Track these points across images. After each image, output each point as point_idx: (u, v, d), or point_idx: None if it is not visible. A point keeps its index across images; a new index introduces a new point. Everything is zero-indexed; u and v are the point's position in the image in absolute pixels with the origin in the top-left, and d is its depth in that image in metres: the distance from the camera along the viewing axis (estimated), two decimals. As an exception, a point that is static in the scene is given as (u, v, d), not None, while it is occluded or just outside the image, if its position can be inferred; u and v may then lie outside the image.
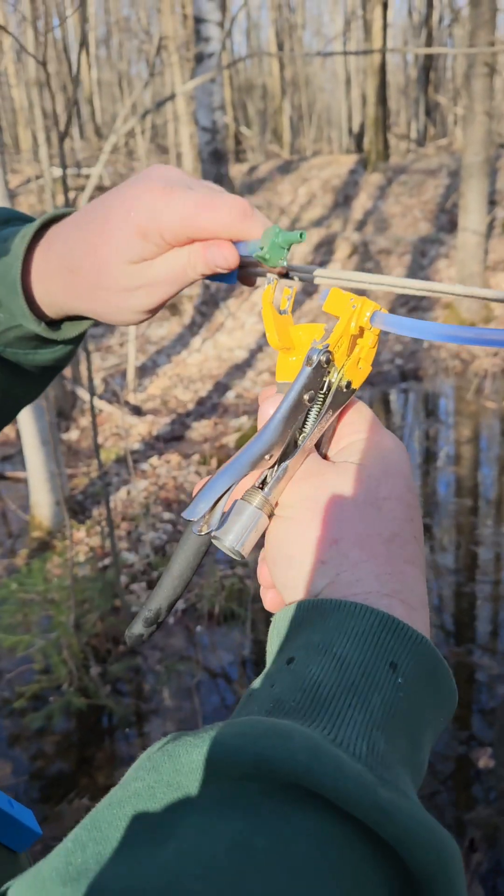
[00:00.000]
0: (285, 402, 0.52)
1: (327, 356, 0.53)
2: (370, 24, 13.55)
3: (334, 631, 0.44)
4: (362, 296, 0.55)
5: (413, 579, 0.49)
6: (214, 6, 10.66)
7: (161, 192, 0.56)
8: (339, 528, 0.49)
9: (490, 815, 2.42)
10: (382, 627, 0.44)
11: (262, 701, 0.42)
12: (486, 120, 7.47)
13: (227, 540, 0.50)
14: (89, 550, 4.15)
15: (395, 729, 0.41)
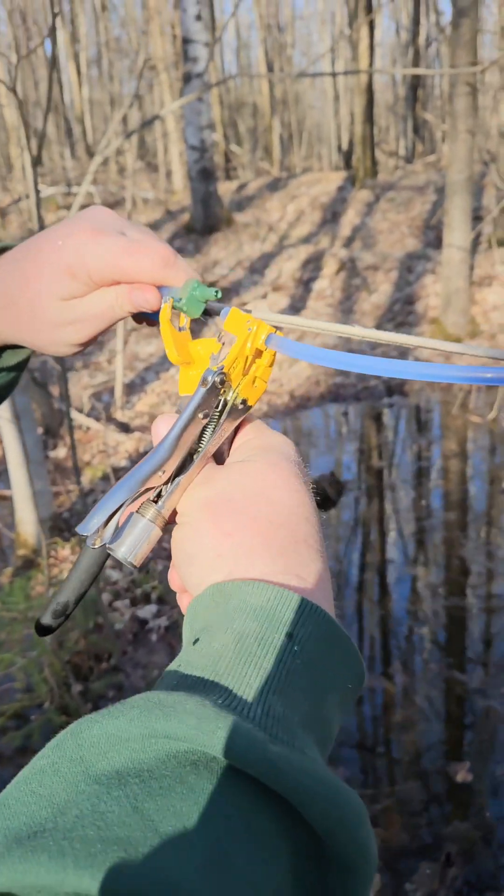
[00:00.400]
0: (179, 421, 0.55)
1: (221, 377, 0.56)
2: (357, 44, 13.74)
3: (234, 610, 0.47)
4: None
5: (308, 557, 0.51)
6: (202, 27, 10.80)
7: (90, 235, 0.60)
8: (232, 522, 0.52)
9: (467, 829, 2.43)
10: (278, 601, 0.47)
11: (169, 681, 0.45)
12: (469, 138, 7.57)
13: (120, 551, 0.53)
14: (74, 568, 4.15)
15: (294, 692, 0.43)
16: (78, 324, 0.64)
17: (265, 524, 0.52)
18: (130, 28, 23.25)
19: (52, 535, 4.41)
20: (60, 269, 0.60)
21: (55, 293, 0.62)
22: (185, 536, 0.54)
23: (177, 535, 0.55)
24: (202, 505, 0.54)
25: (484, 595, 3.95)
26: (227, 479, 0.55)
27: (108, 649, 3.49)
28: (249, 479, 0.54)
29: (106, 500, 0.53)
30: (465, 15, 7.31)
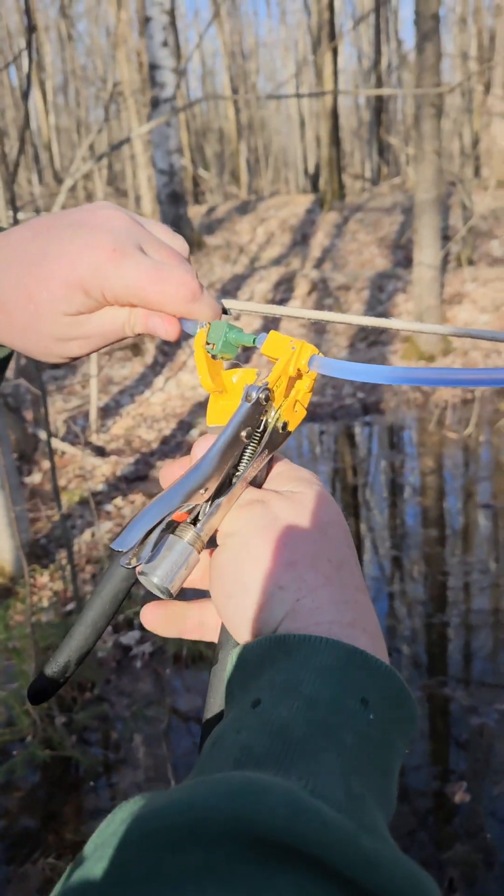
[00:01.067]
0: (223, 436, 0.51)
1: (266, 394, 0.52)
2: (321, 70, 13.96)
3: (301, 668, 0.42)
4: (300, 339, 0.55)
5: (367, 607, 0.48)
6: (168, 53, 10.89)
7: (110, 255, 0.54)
8: (292, 551, 0.47)
9: (468, 852, 2.38)
10: (350, 661, 0.42)
11: (230, 749, 0.40)
12: (436, 159, 7.69)
13: (156, 576, 0.48)
14: (53, 595, 4.06)
15: (369, 766, 0.40)
16: (82, 340, 0.58)
17: (326, 563, 0.47)
18: (96, 56, 23.43)
19: (31, 562, 4.31)
20: (72, 285, 0.54)
21: (61, 309, 0.55)
22: (237, 561, 0.48)
23: (222, 559, 0.49)
24: (258, 528, 0.49)
25: (463, 611, 3.92)
26: (282, 506, 0.50)
27: (92, 678, 3.39)
28: (306, 510, 0.50)
29: (144, 514, 0.48)
30: (428, 39, 7.46)
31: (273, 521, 0.49)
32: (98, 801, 2.85)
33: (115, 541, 0.48)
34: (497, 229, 11.49)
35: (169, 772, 2.83)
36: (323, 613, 0.45)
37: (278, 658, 0.43)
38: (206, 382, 0.55)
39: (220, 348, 0.55)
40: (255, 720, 0.40)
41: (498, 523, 4.92)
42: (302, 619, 0.45)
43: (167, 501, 0.48)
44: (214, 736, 0.42)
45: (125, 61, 13.79)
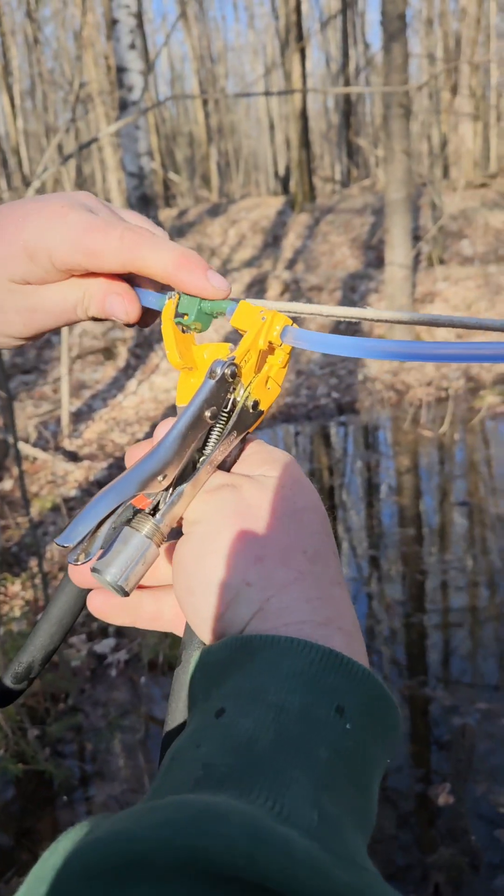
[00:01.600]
0: (183, 416, 0.45)
1: (232, 369, 0.47)
2: (290, 72, 13.98)
3: (267, 673, 0.37)
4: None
5: (343, 602, 0.43)
6: (136, 55, 10.82)
7: (57, 211, 0.49)
8: (262, 544, 0.42)
9: (453, 855, 2.33)
10: (324, 665, 0.37)
11: (189, 766, 0.35)
12: (405, 158, 7.70)
13: (109, 573, 0.42)
14: (25, 604, 3.96)
15: (346, 781, 0.35)
16: (27, 314, 0.52)
17: (299, 555, 0.42)
18: (63, 60, 23.26)
19: (1, 570, 4.21)
20: (16, 247, 0.49)
21: (6, 273, 0.50)
22: (200, 553, 0.43)
23: (184, 550, 0.44)
24: (225, 516, 0.43)
25: (442, 610, 3.90)
26: (253, 491, 0.45)
27: (65, 688, 3.31)
28: (279, 496, 0.44)
29: (93, 505, 0.42)
30: (395, 40, 7.47)
31: (243, 508, 0.44)
32: (74, 815, 2.77)
33: (61, 535, 0.42)
34: (466, 229, 11.57)
35: (147, 783, 2.76)
36: (293, 613, 0.40)
37: (243, 662, 0.38)
38: (173, 358, 0.50)
39: (193, 318, 0.50)
40: (216, 732, 0.36)
41: (474, 520, 4.91)
42: (271, 619, 0.40)
43: (119, 490, 0.43)
44: (174, 750, 0.38)
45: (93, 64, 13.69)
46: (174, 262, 0.48)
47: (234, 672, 0.39)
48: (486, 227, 11.44)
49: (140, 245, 0.48)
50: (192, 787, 0.34)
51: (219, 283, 0.49)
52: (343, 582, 0.44)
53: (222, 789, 0.33)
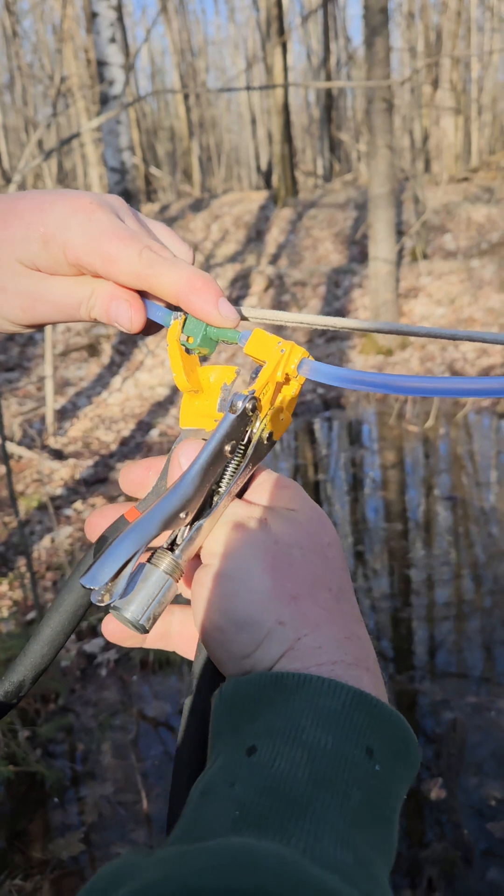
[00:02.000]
0: (204, 452, 0.45)
1: (253, 403, 0.47)
2: (271, 66, 13.94)
3: (301, 713, 0.38)
4: (289, 340, 0.49)
5: (367, 641, 0.44)
6: (117, 49, 10.74)
7: (85, 206, 0.47)
8: (294, 582, 0.42)
9: (446, 849, 2.35)
10: (355, 706, 0.38)
11: (224, 805, 0.36)
12: (388, 153, 7.70)
13: (129, 611, 0.42)
14: (13, 604, 3.93)
15: (375, 820, 0.37)
16: (29, 301, 0.50)
17: (326, 593, 0.43)
18: (43, 53, 23.05)
19: (-12, 571, 4.18)
20: (34, 230, 0.48)
21: (17, 253, 0.48)
22: (230, 591, 0.42)
23: (210, 585, 0.43)
24: (257, 553, 0.43)
25: (427, 604, 3.92)
26: (281, 525, 0.44)
27: (55, 689, 3.29)
28: (303, 529, 0.45)
29: (117, 546, 0.42)
30: (377, 34, 7.47)
31: (272, 544, 0.43)
32: (66, 816, 2.75)
33: (85, 576, 0.42)
34: (449, 223, 11.61)
35: (139, 782, 2.75)
36: (325, 653, 0.41)
37: (275, 700, 0.39)
38: (181, 381, 0.49)
39: (198, 343, 0.50)
40: (251, 773, 0.36)
41: (459, 514, 4.94)
42: (303, 658, 0.41)
43: (143, 530, 0.42)
44: (204, 784, 0.38)
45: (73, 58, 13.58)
46: (187, 284, 0.47)
47: (265, 708, 0.39)
48: (469, 222, 11.48)
49: (157, 264, 0.47)
50: (230, 828, 0.34)
51: (228, 311, 0.48)
52: (361, 619, 0.45)
53: (260, 832, 0.33)
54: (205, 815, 0.36)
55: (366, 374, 0.46)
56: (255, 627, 0.41)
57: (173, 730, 3.17)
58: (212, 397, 0.51)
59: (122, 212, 0.50)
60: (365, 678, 0.41)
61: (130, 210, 0.52)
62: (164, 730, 3.18)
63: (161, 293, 0.48)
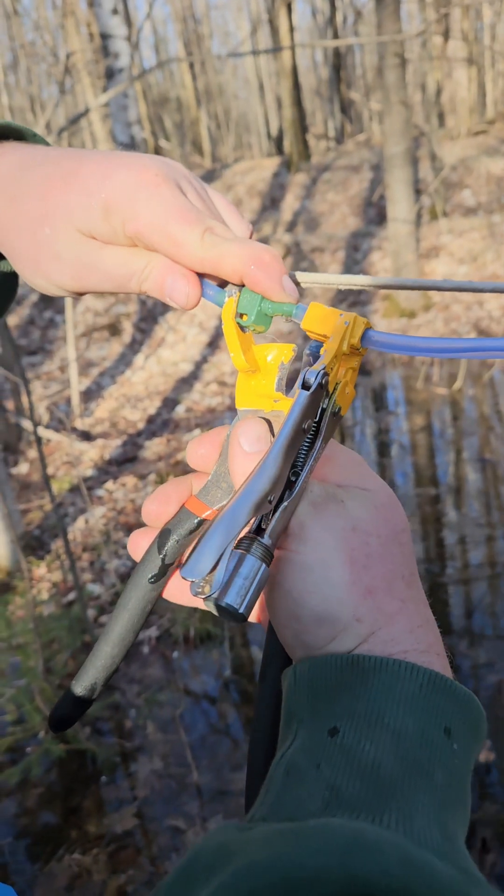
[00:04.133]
0: (284, 432, 0.44)
1: (326, 378, 0.46)
2: (277, 28, 13.63)
3: (382, 696, 0.39)
4: (350, 311, 0.48)
5: (434, 626, 0.45)
6: (119, 20, 10.56)
7: (151, 178, 0.46)
8: (371, 574, 0.43)
9: (498, 811, 2.35)
10: (433, 688, 0.40)
11: (313, 786, 0.37)
12: (403, 109, 7.52)
13: (225, 600, 0.41)
14: (52, 587, 3.98)
15: (454, 796, 0.39)
16: (82, 268, 0.49)
17: (400, 582, 0.44)
18: (45, 31, 22.75)
19: (26, 554, 4.23)
20: (95, 199, 0.46)
21: (75, 222, 0.47)
22: (308, 582, 0.42)
23: (291, 574, 0.43)
24: (336, 538, 0.43)
25: (461, 566, 3.90)
26: (359, 510, 0.44)
27: (100, 668, 3.33)
28: (380, 514, 0.45)
29: (211, 536, 0.41)
30: (386, -14, 7.24)
31: (351, 531, 0.43)
32: (118, 791, 2.80)
33: (184, 568, 0.42)
34: (467, 178, 11.35)
35: (188, 756, 2.79)
36: (398, 644, 0.42)
37: (353, 683, 0.40)
38: (238, 360, 0.48)
39: (252, 319, 0.48)
40: (338, 755, 0.38)
41: (488, 477, 4.89)
42: (376, 650, 0.42)
43: (234, 518, 0.42)
44: (287, 763, 0.39)
45: (75, 33, 13.38)
46: (253, 258, 0.46)
47: (343, 692, 0.40)
48: (488, 176, 11.21)
49: (220, 244, 0.46)
50: (323, 808, 0.36)
51: (290, 287, 0.48)
52: (427, 601, 0.46)
53: (353, 813, 0.35)
54: (293, 795, 0.37)
55: (428, 340, 0.45)
56: (333, 622, 0.42)
57: (216, 703, 3.21)
58: (269, 377, 0.49)
59: (184, 183, 0.48)
60: (436, 663, 0.42)
61: (192, 180, 0.50)
62: (207, 703, 3.21)
63: (224, 274, 0.47)
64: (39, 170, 0.49)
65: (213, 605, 0.42)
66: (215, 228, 0.46)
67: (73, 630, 3.40)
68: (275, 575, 0.44)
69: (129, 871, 2.45)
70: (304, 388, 0.45)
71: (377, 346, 0.47)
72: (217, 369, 7.43)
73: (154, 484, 5.14)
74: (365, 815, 0.35)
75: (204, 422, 6.24)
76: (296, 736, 0.40)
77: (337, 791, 0.36)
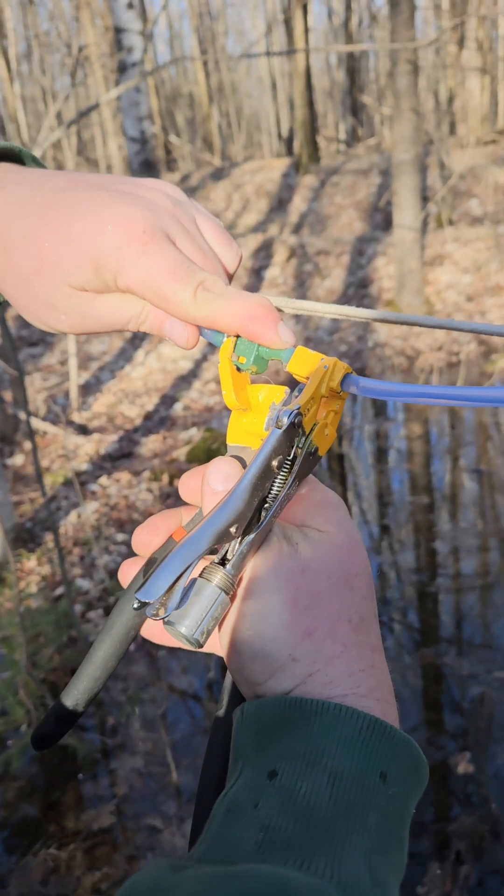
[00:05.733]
0: (253, 467, 0.46)
1: (299, 419, 0.47)
2: (292, 28, 13.62)
3: (321, 738, 0.40)
4: (332, 357, 0.50)
5: (382, 670, 0.46)
6: (134, 15, 10.55)
7: (138, 237, 0.46)
8: (314, 616, 0.43)
9: (474, 823, 2.36)
10: (371, 732, 0.41)
11: (248, 824, 0.38)
12: (414, 117, 7.52)
13: (184, 625, 0.43)
14: (41, 580, 3.98)
15: (388, 840, 0.39)
16: (77, 318, 0.50)
17: (346, 625, 0.44)
18: (59, 21, 22.72)
19: (16, 546, 4.23)
20: (86, 258, 0.46)
21: (66, 277, 0.47)
22: (252, 619, 0.43)
23: (239, 611, 0.44)
24: (281, 581, 0.44)
25: (453, 575, 3.90)
26: (311, 553, 0.45)
27: (85, 663, 3.33)
28: (334, 556, 0.45)
29: (170, 560, 0.42)
30: (402, -8, 7.24)
31: (298, 572, 0.44)
32: (98, 788, 2.81)
33: (140, 590, 0.43)
34: (475, 188, 11.35)
35: (168, 755, 2.79)
36: (336, 687, 0.42)
37: (296, 723, 0.41)
38: (230, 399, 0.50)
39: (250, 362, 0.50)
40: (274, 795, 0.39)
41: (484, 487, 4.89)
42: (314, 692, 0.42)
43: (194, 545, 0.43)
44: (228, 801, 0.40)
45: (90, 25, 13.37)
46: (247, 315, 0.47)
47: (286, 733, 0.41)
48: (496, 186, 11.21)
49: (212, 302, 0.47)
50: (255, 850, 0.36)
51: (287, 336, 0.49)
52: (380, 646, 0.46)
53: (285, 854, 0.36)
54: (230, 834, 0.38)
55: (408, 387, 0.46)
56: (268, 660, 0.42)
57: (201, 702, 3.21)
58: (260, 416, 0.51)
59: (173, 229, 0.49)
60: (375, 708, 0.42)
61: (181, 216, 0.50)
62: (192, 702, 3.21)
63: (220, 329, 0.49)
64: (32, 217, 0.48)
65: (170, 629, 0.43)
66: (206, 283, 0.47)
67: (60, 625, 3.40)
68: (225, 624, 0.45)
69: (104, 868, 2.45)
70: (277, 426, 0.47)
71: (358, 390, 0.48)
72: (217, 368, 7.42)
73: (148, 481, 5.14)
74: (295, 859, 0.35)
75: (201, 420, 6.24)
76: (240, 774, 0.41)
77: (272, 832, 0.37)
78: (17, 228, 0.48)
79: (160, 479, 5.15)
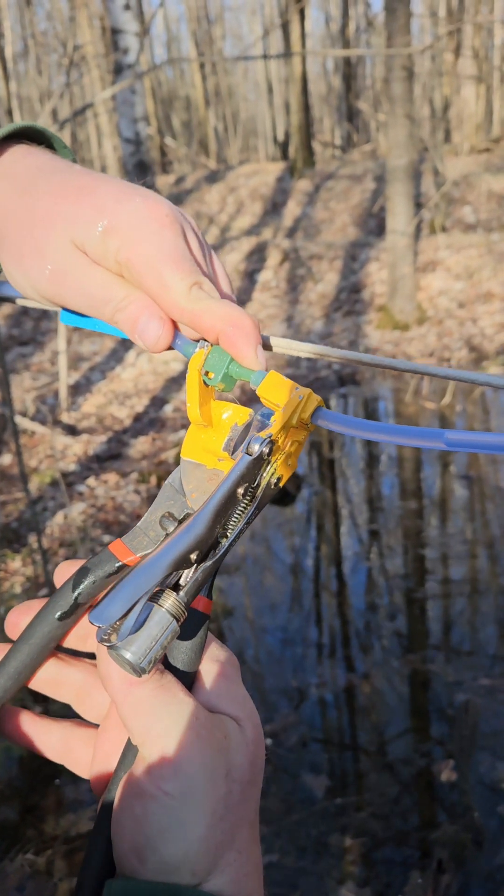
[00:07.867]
0: (218, 492, 0.45)
1: (270, 447, 0.46)
2: (290, 33, 13.66)
3: None
4: (306, 388, 0.49)
5: (259, 867, 0.44)
6: (131, 16, 10.54)
7: (161, 217, 0.47)
8: (222, 828, 0.42)
9: (456, 832, 2.34)
10: None
11: None
12: (408, 123, 7.53)
13: (130, 652, 0.40)
14: (26, 580, 3.95)
15: None
16: (62, 276, 0.49)
17: (245, 828, 0.43)
18: (56, 21, 22.70)
19: (1, 546, 4.19)
20: (101, 215, 0.47)
21: (74, 232, 0.47)
22: (165, 833, 0.40)
23: (151, 814, 0.41)
24: (208, 786, 0.41)
25: (441, 581, 3.89)
26: (233, 751, 0.43)
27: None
28: (247, 756, 0.44)
29: (125, 584, 0.41)
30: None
31: (223, 777, 0.42)
32: (78, 792, 2.77)
33: (93, 612, 0.41)
34: (469, 195, 11.39)
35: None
36: (218, 891, 0.41)
37: None
38: (193, 412, 0.48)
39: (218, 379, 0.49)
40: None
41: (474, 493, 4.89)
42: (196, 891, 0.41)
43: (153, 570, 0.42)
44: None
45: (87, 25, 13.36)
46: (233, 321, 0.47)
47: None
48: (490, 193, 11.26)
49: (204, 300, 0.47)
50: None
51: (262, 357, 0.48)
52: (258, 831, 0.45)
53: None
54: None
55: (378, 425, 0.46)
56: (171, 872, 0.40)
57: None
58: (220, 434, 0.49)
59: (189, 233, 0.49)
60: None
61: (198, 233, 0.51)
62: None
63: (201, 329, 0.48)
64: (59, 175, 0.50)
65: (114, 654, 0.41)
66: (204, 285, 0.47)
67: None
68: (134, 806, 0.42)
69: (82, 873, 2.42)
70: (248, 453, 0.45)
71: (328, 424, 0.47)
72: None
73: (136, 483, 5.11)
74: None
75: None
76: None
77: None
78: (43, 181, 0.49)
79: (148, 480, 5.12)
